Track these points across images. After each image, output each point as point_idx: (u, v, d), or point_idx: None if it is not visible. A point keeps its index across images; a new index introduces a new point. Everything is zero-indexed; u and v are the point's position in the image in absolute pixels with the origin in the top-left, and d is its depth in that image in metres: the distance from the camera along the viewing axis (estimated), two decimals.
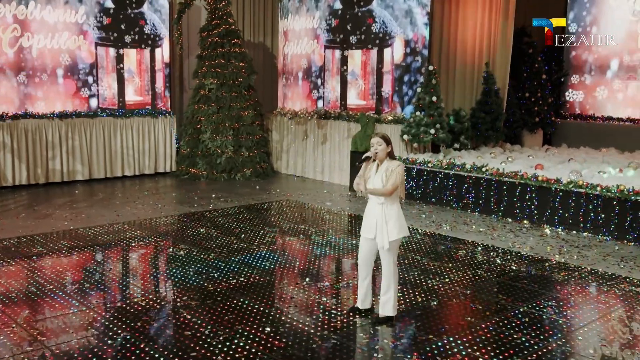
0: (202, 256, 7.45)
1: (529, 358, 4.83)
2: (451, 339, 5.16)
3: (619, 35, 13.72)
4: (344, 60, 13.04)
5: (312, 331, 5.26)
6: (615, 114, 13.89)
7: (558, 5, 15.07)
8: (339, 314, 5.68)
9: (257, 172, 13.27)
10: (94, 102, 12.63)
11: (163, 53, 13.53)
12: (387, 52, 12.40)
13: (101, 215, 9.54)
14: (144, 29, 13.17)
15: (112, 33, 12.72)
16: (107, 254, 7.65)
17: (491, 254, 7.79)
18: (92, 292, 6.19)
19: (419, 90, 11.63)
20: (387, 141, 5.33)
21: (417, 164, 11.04)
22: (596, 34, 14.11)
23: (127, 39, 12.95)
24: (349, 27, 12.84)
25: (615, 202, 8.60)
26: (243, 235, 8.49)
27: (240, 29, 14.22)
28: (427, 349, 4.96)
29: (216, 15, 13.21)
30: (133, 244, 7.97)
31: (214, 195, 11.23)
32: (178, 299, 5.98)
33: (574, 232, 8.98)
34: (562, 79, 14.77)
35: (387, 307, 5.46)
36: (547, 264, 7.40)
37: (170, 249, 7.74)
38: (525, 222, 9.52)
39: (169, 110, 13.71)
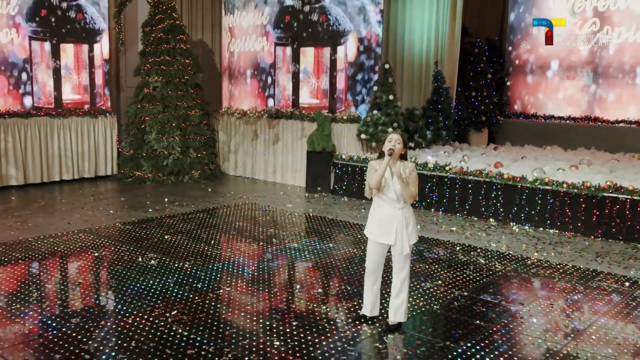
0: (176, 265, 6.94)
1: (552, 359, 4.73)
2: (469, 344, 4.98)
3: (559, 35, 14.12)
4: (295, 58, 12.71)
5: (325, 343, 4.93)
6: (556, 112, 14.30)
7: (497, 6, 15.39)
8: (345, 322, 5.38)
9: (205, 174, 12.71)
10: (28, 101, 11.66)
11: (102, 49, 12.72)
12: (340, 49, 12.18)
13: (50, 223, 8.77)
14: (82, 23, 12.31)
15: (47, 26, 11.80)
16: (71, 267, 6.99)
17: (472, 253, 7.71)
18: (69, 310, 5.58)
19: (375, 88, 11.49)
20: (405, 143, 5.08)
21: None
22: (537, 34, 14.48)
23: (64, 33, 12.05)
24: (300, 24, 12.52)
25: (582, 199, 8.75)
26: (213, 242, 8.02)
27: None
28: (450, 356, 4.75)
29: (160, 10, 12.55)
30: (96, 254, 7.33)
31: (166, 200, 10.62)
32: (167, 314, 5.48)
33: (541, 229, 9.08)
34: (505, 79, 15.07)
35: (400, 312, 5.21)
36: (528, 261, 7.39)
37: (140, 259, 7.16)
38: (491, 220, 9.55)
39: (109, 109, 12.90)
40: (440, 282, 6.55)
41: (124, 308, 5.60)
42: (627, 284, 6.62)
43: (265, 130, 12.92)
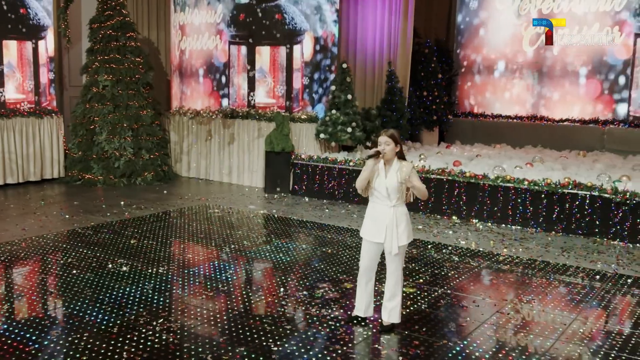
0: (150, 270, 6.69)
1: (543, 358, 4.81)
2: (465, 342, 5.01)
3: (505, 37, 14.54)
4: (251, 57, 12.52)
5: (324, 346, 4.85)
6: (503, 112, 14.68)
7: (443, 8, 15.67)
8: (339, 324, 5.31)
9: (158, 175, 12.34)
10: None
11: (47, 46, 12.14)
12: (296, 49, 12.08)
13: (4, 229, 8.29)
14: (26, 19, 11.71)
15: None
16: (38, 276, 6.61)
17: (443, 251, 7.80)
18: (47, 322, 5.27)
19: (333, 88, 11.46)
20: (396, 140, 5.03)
21: (338, 164, 10.86)
22: (483, 35, 14.84)
23: (6, 29, 11.43)
24: (255, 23, 12.35)
25: (543, 195, 9.01)
26: (183, 246, 7.78)
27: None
28: (450, 355, 4.77)
29: (108, 6, 12.09)
30: (61, 262, 6.97)
31: (122, 203, 10.24)
32: (154, 322, 5.26)
33: (504, 225, 9.28)
34: (453, 79, 15.36)
35: (394, 314, 5.19)
36: (500, 258, 7.54)
37: (110, 265, 6.85)
38: (454, 217, 9.70)
39: (55, 109, 12.33)
40: (421, 280, 6.58)
41: (106, 318, 5.34)
42: (597, 277, 6.85)
43: (219, 131, 12.67)
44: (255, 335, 5.03)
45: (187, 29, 13.46)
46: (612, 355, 4.82)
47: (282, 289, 6.21)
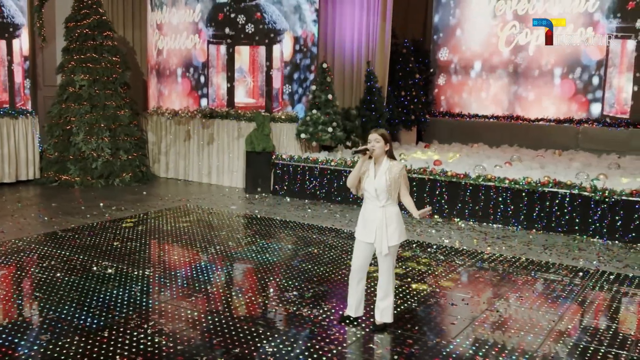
0: (136, 273, 6.61)
1: (535, 354, 4.88)
2: (458, 340, 5.06)
3: (481, 37, 14.70)
4: (230, 57, 12.45)
5: (318, 347, 4.84)
6: (480, 111, 14.84)
7: (419, 8, 15.77)
8: (331, 325, 5.31)
9: (137, 176, 12.19)
10: None
11: (22, 45, 11.91)
12: (276, 48, 12.06)
13: None
14: (0, 17, 11.48)
15: None
16: (21, 279, 6.47)
17: (428, 250, 7.85)
18: (35, 326, 5.16)
19: (313, 88, 11.46)
20: (386, 139, 5.05)
21: (319, 163, 10.86)
22: (459, 36, 14.98)
23: None
24: (235, 22, 12.28)
25: (524, 194, 9.13)
26: (167, 247, 7.71)
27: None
28: (444, 353, 4.80)
29: (84, 4, 11.90)
30: (44, 265, 6.83)
31: (101, 204, 10.10)
32: (145, 325, 5.19)
33: (485, 224, 9.39)
34: (430, 79, 15.47)
35: (386, 313, 5.21)
36: (484, 256, 7.62)
37: (95, 268, 6.75)
38: (436, 216, 9.77)
39: (30, 109, 12.10)
40: (409, 279, 6.62)
41: (95, 321, 5.26)
42: (580, 274, 6.96)
43: (198, 131, 12.57)
44: (249, 337, 5.00)
45: (164, 28, 13.32)
46: (602, 350, 4.90)
47: (271, 290, 6.19)
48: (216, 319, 5.38)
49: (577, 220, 8.76)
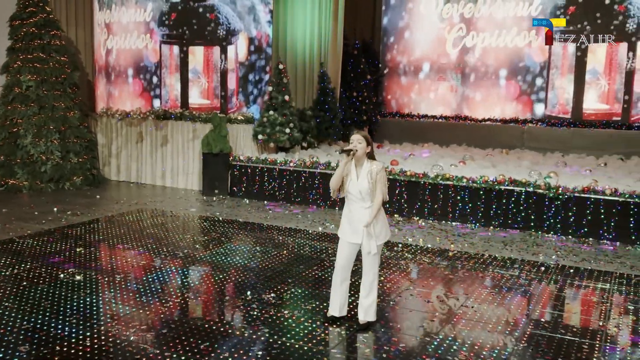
0: (107, 279, 6.45)
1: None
2: (441, 336, 5.19)
3: (429, 39, 15.03)
4: (184, 57, 12.28)
5: (306, 348, 4.88)
6: (429, 112, 15.17)
7: (367, 10, 15.97)
8: (315, 325, 5.35)
9: (88, 179, 11.86)
10: None
11: None
12: (230, 49, 11.99)
13: None
14: None
15: None
16: None
17: (395, 249, 7.99)
18: (11, 338, 4.97)
19: (270, 89, 11.46)
20: (368, 141, 5.13)
21: (278, 164, 10.86)
22: (409, 37, 15.27)
23: None
24: (188, 22, 12.13)
25: (481, 192, 9.41)
26: (134, 252, 7.55)
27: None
28: (430, 349, 4.92)
29: (30, 2, 11.48)
30: (7, 273, 6.57)
31: (55, 209, 9.78)
32: (127, 333, 5.09)
33: (444, 222, 9.63)
34: (380, 80, 15.70)
35: (370, 312, 5.29)
36: (450, 253, 7.82)
37: (62, 275, 6.55)
38: (396, 215, 9.95)
39: None
40: (382, 278, 6.73)
41: (74, 330, 5.11)
42: (542, 268, 7.25)
43: (151, 132, 12.34)
44: (235, 341, 4.99)
45: (113, 28, 13.01)
46: (576, 341, 5.14)
47: (249, 292, 6.17)
48: (198, 324, 5.33)
49: (532, 217, 9.10)
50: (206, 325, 5.28)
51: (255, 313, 5.63)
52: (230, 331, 5.17)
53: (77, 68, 12.06)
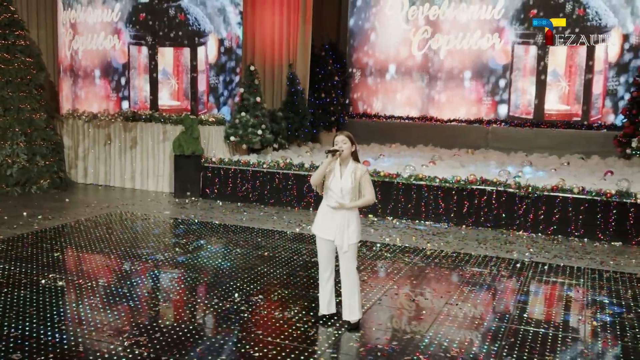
0: (90, 284, 6.38)
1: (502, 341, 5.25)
2: (431, 333, 5.32)
3: (395, 41, 15.23)
4: (153, 58, 12.16)
5: (302, 349, 4.94)
6: (395, 112, 15.38)
7: (333, 11, 16.08)
8: (307, 326, 5.41)
9: (55, 183, 11.63)
10: None
11: None
12: (200, 50, 11.94)
13: None
14: None
15: None
16: None
17: (374, 248, 8.12)
18: (0, 346, 4.90)
19: (242, 90, 11.46)
20: (352, 141, 5.23)
21: (251, 166, 10.87)
22: (375, 40, 15.45)
23: None
24: (157, 23, 12.01)
25: (453, 192, 9.63)
26: (113, 256, 7.47)
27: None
28: (422, 346, 5.04)
29: None
30: None
31: (25, 214, 9.58)
32: (120, 338, 5.06)
33: (417, 221, 9.81)
34: (347, 81, 15.82)
35: (354, 310, 5.37)
36: (427, 252, 7.98)
37: (42, 280, 6.44)
38: (370, 216, 10.08)
39: None
40: (365, 278, 6.83)
41: (65, 337, 5.05)
42: (517, 265, 7.48)
43: (120, 134, 12.18)
44: (230, 343, 5.01)
45: (79, 28, 12.79)
46: (560, 336, 5.34)
47: (236, 295, 6.19)
48: (190, 327, 5.33)
49: (503, 215, 9.36)
50: (199, 328, 5.29)
51: (245, 316, 5.64)
52: (222, 334, 5.19)
53: (42, 69, 11.82)
